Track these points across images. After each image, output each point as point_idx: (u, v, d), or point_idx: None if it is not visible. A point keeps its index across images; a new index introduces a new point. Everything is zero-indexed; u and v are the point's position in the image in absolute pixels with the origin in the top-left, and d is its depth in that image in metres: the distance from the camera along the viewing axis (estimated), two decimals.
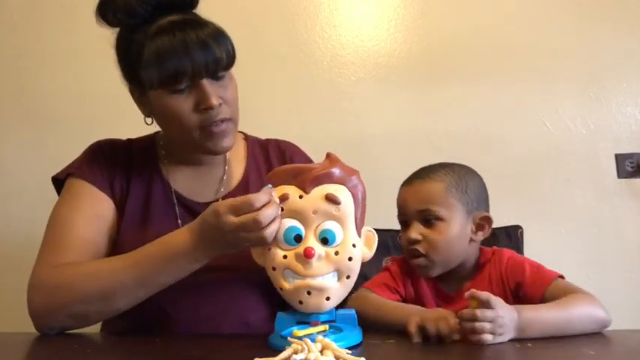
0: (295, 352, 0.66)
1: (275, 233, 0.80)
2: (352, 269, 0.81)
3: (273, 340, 0.79)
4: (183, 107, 0.94)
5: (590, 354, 0.75)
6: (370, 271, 1.12)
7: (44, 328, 0.92)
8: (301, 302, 0.80)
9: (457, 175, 1.03)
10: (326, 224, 0.80)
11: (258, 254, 0.84)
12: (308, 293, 0.79)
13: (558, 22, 1.73)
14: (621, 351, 0.84)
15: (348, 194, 0.81)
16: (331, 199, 0.79)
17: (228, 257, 0.88)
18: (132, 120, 1.09)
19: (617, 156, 1.69)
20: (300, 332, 0.76)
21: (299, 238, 0.80)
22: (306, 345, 0.67)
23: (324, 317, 0.82)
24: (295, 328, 0.79)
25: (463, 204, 1.01)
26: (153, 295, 0.89)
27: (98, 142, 1.10)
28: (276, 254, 0.80)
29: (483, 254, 1.06)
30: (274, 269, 0.81)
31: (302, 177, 0.80)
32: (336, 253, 0.79)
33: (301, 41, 1.73)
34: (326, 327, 0.81)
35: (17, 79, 1.68)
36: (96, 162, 1.04)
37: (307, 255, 0.77)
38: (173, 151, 1.09)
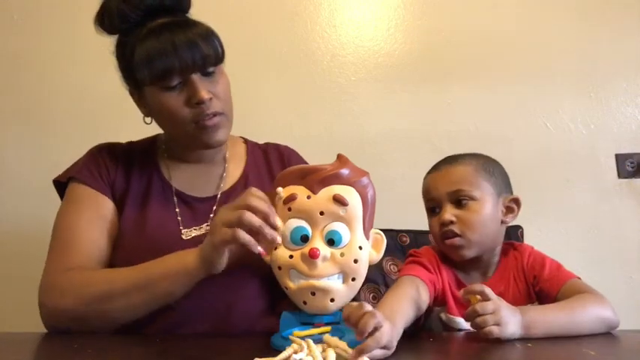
0: (295, 352, 0.66)
1: (257, 223, 0.79)
2: (358, 271, 0.80)
3: (275, 341, 0.79)
4: (176, 103, 0.98)
5: (590, 354, 0.75)
6: (370, 273, 1.11)
7: (53, 329, 0.95)
8: (305, 303, 0.80)
9: (483, 160, 1.07)
10: (333, 225, 0.79)
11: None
12: (312, 294, 0.79)
13: (558, 23, 1.74)
14: (621, 351, 0.84)
15: (357, 196, 0.80)
16: (339, 201, 0.78)
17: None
18: (132, 120, 1.10)
19: (617, 156, 1.69)
20: (300, 333, 0.77)
21: (305, 239, 0.80)
22: (306, 344, 0.67)
23: (328, 319, 0.81)
24: (297, 329, 0.79)
25: (492, 185, 1.03)
26: None
27: (98, 146, 1.12)
28: (282, 254, 0.80)
29: (504, 249, 1.08)
30: (280, 268, 0.81)
31: (310, 177, 0.80)
32: (342, 255, 0.79)
33: (301, 41, 1.73)
34: (328, 328, 0.80)
35: (17, 79, 1.68)
36: (96, 165, 1.07)
37: (312, 255, 0.77)
38: (173, 150, 1.12)
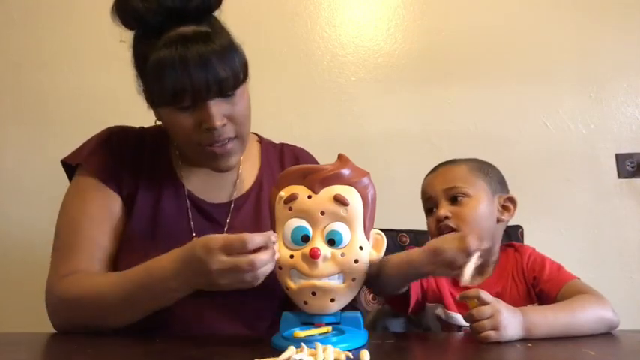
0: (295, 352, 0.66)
1: (264, 277, 0.77)
2: (358, 271, 0.80)
3: (275, 341, 0.79)
4: (186, 124, 0.91)
5: (590, 354, 0.75)
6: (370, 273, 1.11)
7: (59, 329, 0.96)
8: (306, 302, 0.80)
9: (478, 162, 1.11)
10: (333, 225, 0.79)
11: None
12: (313, 294, 0.79)
13: (558, 23, 1.74)
14: (621, 351, 0.84)
15: (358, 196, 0.80)
16: (340, 201, 0.78)
17: None
18: (132, 120, 1.09)
19: (617, 156, 1.69)
20: (301, 333, 0.76)
21: (306, 238, 0.80)
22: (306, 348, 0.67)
23: (329, 319, 0.81)
24: (297, 329, 0.78)
25: (487, 184, 1.07)
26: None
27: (110, 130, 1.06)
28: (282, 254, 0.80)
29: (504, 249, 1.09)
30: (281, 268, 0.81)
31: (311, 177, 0.80)
32: (343, 255, 0.79)
33: (301, 41, 1.73)
34: (328, 328, 0.80)
35: (17, 79, 1.68)
36: (106, 154, 1.02)
37: (313, 255, 0.77)
38: (185, 154, 1.06)
